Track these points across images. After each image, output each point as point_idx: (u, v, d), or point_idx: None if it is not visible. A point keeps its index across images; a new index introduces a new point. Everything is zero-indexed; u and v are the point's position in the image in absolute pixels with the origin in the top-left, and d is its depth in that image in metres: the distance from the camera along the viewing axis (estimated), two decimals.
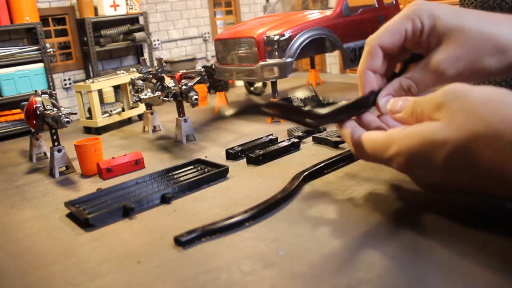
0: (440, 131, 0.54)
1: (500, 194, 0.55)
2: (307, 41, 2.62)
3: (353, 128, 0.69)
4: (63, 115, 1.46)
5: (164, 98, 1.96)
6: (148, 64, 2.38)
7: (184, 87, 1.87)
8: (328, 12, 2.85)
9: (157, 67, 2.13)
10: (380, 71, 0.71)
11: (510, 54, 0.64)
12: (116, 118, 2.66)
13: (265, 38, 2.54)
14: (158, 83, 2.13)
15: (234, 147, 1.25)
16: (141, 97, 2.11)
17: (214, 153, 1.52)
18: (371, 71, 0.71)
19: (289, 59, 2.54)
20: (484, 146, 0.50)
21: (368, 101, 0.70)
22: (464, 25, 0.65)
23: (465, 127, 0.52)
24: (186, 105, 1.94)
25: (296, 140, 1.17)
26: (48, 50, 3.20)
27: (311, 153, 1.10)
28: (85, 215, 0.86)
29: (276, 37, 2.53)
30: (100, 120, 2.54)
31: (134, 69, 2.78)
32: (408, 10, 0.68)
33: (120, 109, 2.73)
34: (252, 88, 3.55)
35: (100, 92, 2.88)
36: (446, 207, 0.64)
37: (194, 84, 1.90)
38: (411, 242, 0.58)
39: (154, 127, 2.28)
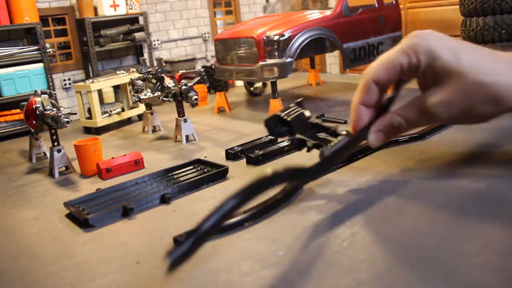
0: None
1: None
2: (307, 41, 2.62)
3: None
4: (62, 115, 1.46)
5: (164, 98, 1.96)
6: (148, 64, 2.38)
7: (183, 87, 1.87)
8: (328, 12, 2.85)
9: (157, 67, 2.13)
10: (373, 105, 0.71)
11: (505, 103, 0.63)
12: (116, 118, 2.66)
13: (265, 38, 2.54)
14: (158, 83, 2.13)
15: (233, 147, 1.25)
16: (141, 97, 2.11)
17: (214, 153, 1.51)
18: (364, 105, 0.71)
19: (289, 59, 2.54)
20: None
21: (361, 137, 0.72)
22: (461, 69, 0.63)
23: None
24: (186, 105, 1.94)
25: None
26: (48, 50, 3.20)
27: (311, 153, 1.10)
28: (85, 216, 0.86)
29: (276, 37, 2.53)
30: (100, 120, 2.54)
31: (134, 69, 2.78)
32: (406, 45, 0.67)
33: (120, 109, 2.73)
34: (252, 88, 3.55)
35: (100, 92, 2.88)
36: (445, 208, 0.64)
37: (194, 84, 1.90)
38: (412, 243, 0.57)
39: (154, 127, 2.28)
